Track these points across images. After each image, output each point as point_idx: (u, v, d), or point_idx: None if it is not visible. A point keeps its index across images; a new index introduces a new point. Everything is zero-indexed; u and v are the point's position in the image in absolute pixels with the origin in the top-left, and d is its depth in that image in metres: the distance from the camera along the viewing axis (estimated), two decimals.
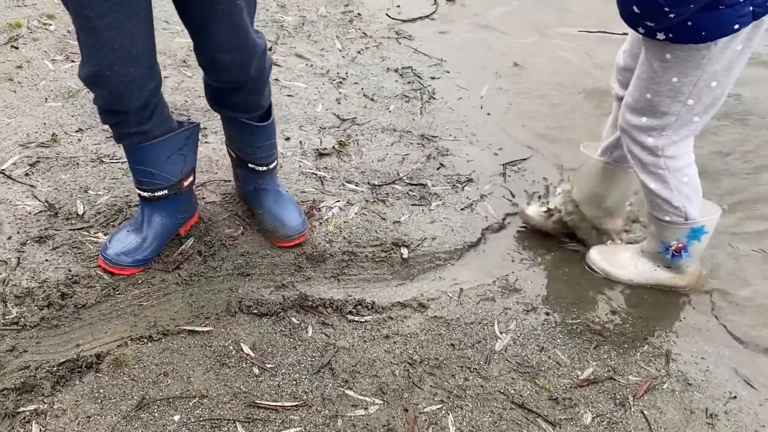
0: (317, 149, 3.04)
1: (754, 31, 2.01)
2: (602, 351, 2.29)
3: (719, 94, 2.11)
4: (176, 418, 1.99)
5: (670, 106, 2.14)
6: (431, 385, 2.14)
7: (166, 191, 2.40)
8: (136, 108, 2.17)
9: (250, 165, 2.54)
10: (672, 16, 1.92)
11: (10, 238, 2.51)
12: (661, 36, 2.02)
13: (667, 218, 2.34)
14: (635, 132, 2.24)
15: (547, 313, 2.40)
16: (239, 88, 2.30)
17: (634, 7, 2.00)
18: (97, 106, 2.21)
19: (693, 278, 2.52)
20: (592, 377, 2.20)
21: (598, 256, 2.57)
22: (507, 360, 2.23)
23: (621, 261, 2.54)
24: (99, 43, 2.01)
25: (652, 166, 2.26)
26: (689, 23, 1.96)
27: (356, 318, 2.33)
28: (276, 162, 2.58)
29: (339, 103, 3.34)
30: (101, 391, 2.05)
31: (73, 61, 3.44)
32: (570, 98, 3.50)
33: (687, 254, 2.42)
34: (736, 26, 1.96)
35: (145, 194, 2.41)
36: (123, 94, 2.11)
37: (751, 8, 1.94)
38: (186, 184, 2.45)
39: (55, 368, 2.09)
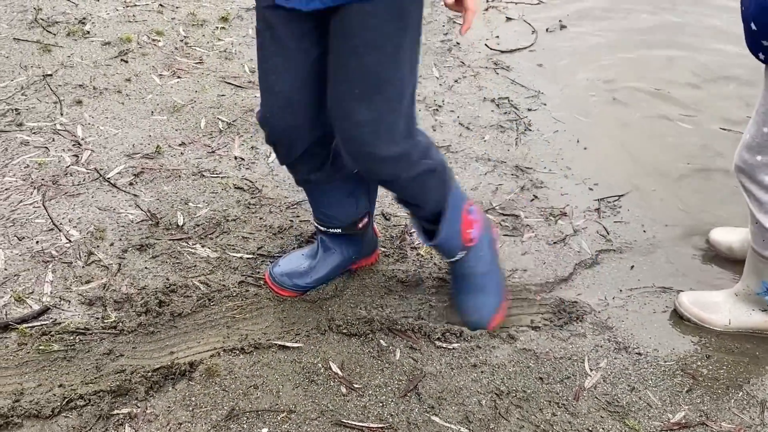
0: None
1: None
2: (695, 395, 2.24)
3: None
4: (264, 431, 2.02)
5: None
6: (518, 418, 2.12)
7: (340, 230, 2.41)
8: (299, 155, 2.16)
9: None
10: None
11: (112, 244, 2.60)
12: None
13: None
14: (754, 171, 2.19)
15: (639, 353, 2.35)
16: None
17: (752, 24, 1.96)
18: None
19: None
20: (683, 421, 2.15)
21: (689, 300, 2.51)
22: (596, 398, 2.20)
23: (714, 305, 2.47)
24: (264, 85, 2.07)
25: None
26: None
27: (444, 345, 2.33)
28: (463, 251, 2.34)
29: (434, 131, 3.36)
30: (193, 399, 2.10)
31: (179, 77, 3.55)
32: (670, 135, 3.44)
33: None
34: None
35: (321, 228, 2.43)
36: (282, 138, 2.13)
37: None
38: (361, 226, 2.43)
39: (149, 374, 2.15)
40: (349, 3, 1.86)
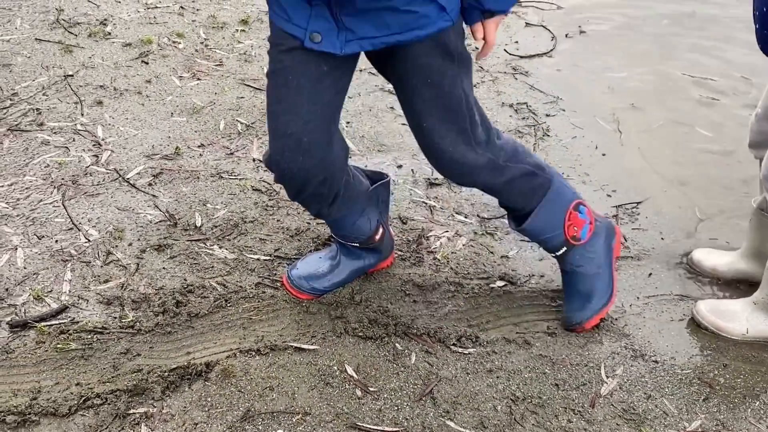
0: (428, 178, 3.06)
1: None
2: (712, 404, 2.22)
3: None
4: None
5: None
6: (533, 424, 2.11)
7: (358, 244, 2.43)
8: (308, 195, 2.15)
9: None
10: None
11: (131, 244, 2.62)
12: None
13: None
14: None
15: (656, 361, 2.34)
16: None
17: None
18: None
19: None
20: (700, 430, 2.14)
21: (706, 309, 2.49)
22: (612, 405, 2.19)
23: (731, 314, 2.45)
24: (274, 126, 2.05)
25: None
26: None
27: (460, 349, 2.33)
28: (566, 247, 2.39)
29: None
30: (209, 399, 2.10)
31: (199, 79, 3.57)
32: (690, 143, 3.43)
33: None
34: None
35: (340, 240, 2.44)
36: (291, 180, 2.11)
37: None
38: (377, 238, 2.45)
39: (166, 373, 2.16)
40: (386, 45, 1.90)
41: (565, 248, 2.39)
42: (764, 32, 2.03)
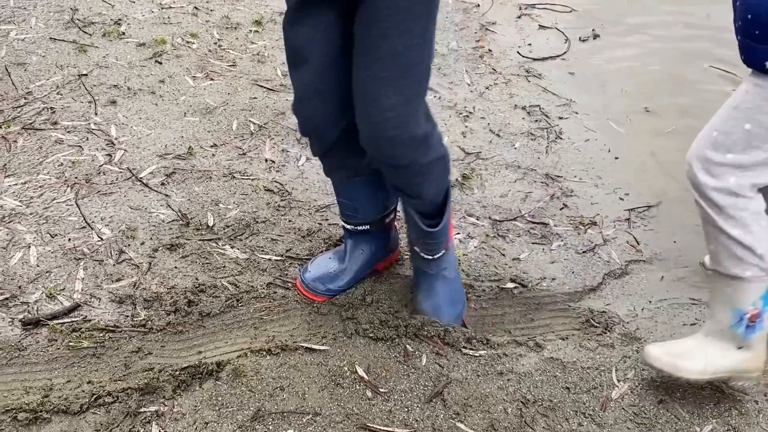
0: None
1: None
2: (723, 409, 2.21)
3: None
4: None
5: (766, 139, 1.96)
6: (544, 427, 2.11)
7: (368, 226, 2.43)
8: (331, 142, 2.18)
9: (415, 247, 2.41)
10: None
11: (143, 243, 2.62)
12: None
13: (748, 273, 2.06)
14: (716, 170, 2.04)
15: None
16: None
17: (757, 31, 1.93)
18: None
19: (761, 361, 2.21)
20: None
21: (658, 351, 2.20)
22: (623, 409, 2.18)
23: (687, 352, 2.18)
24: (293, 75, 2.10)
25: (732, 208, 2.02)
26: None
27: (470, 352, 2.32)
28: (440, 254, 2.37)
29: (464, 137, 3.36)
30: (219, 398, 2.11)
31: (212, 80, 3.58)
32: None
33: (761, 324, 2.13)
34: None
35: (349, 227, 2.44)
36: (312, 126, 2.17)
37: None
38: (387, 221, 2.46)
39: (177, 372, 2.16)
40: None
41: (443, 251, 2.37)
42: (747, 41, 2.00)
